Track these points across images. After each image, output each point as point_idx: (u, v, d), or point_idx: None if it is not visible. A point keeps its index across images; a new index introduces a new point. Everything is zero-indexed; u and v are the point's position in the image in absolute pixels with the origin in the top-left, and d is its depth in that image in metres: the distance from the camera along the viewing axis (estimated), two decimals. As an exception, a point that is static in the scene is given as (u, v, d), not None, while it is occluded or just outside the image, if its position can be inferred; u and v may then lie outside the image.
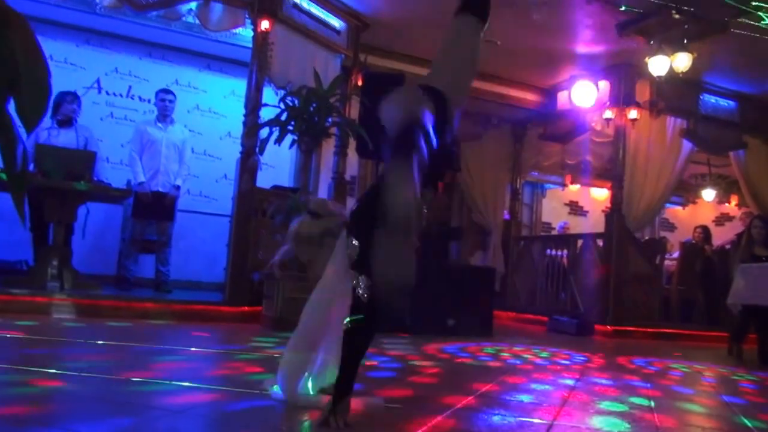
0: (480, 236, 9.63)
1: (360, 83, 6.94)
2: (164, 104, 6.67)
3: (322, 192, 7.00)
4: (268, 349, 4.02)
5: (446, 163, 2.45)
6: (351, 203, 7.88)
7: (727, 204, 12.11)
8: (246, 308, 5.59)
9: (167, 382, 2.70)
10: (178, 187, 6.60)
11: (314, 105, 5.60)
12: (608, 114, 7.94)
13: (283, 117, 5.53)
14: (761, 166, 8.60)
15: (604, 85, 8.02)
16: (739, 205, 11.35)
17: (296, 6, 6.44)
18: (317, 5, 6.67)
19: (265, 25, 6.00)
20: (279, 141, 5.52)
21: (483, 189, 9.49)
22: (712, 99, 8.32)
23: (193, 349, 3.91)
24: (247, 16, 6.14)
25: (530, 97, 8.96)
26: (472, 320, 5.99)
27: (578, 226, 11.09)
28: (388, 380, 3.23)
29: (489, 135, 9.55)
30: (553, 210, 11.71)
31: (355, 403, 2.25)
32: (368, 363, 3.67)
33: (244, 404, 2.41)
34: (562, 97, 8.60)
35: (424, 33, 7.47)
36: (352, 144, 6.67)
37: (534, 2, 6.07)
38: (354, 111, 6.85)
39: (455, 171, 8.57)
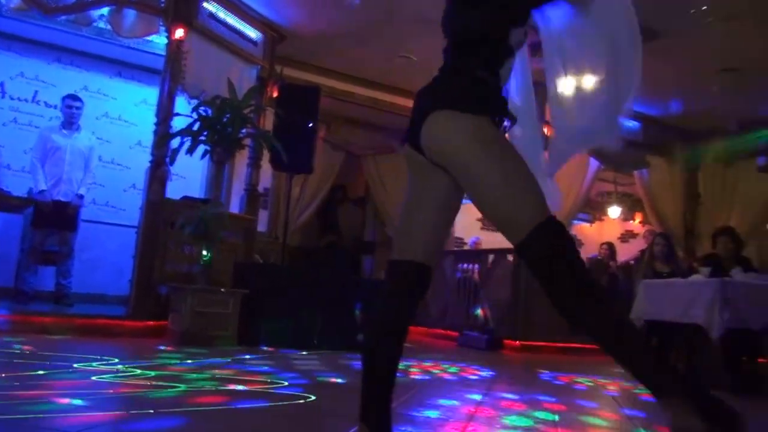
0: (392, 251, 9.70)
1: (276, 95, 6.89)
2: (71, 111, 6.40)
3: (234, 204, 6.86)
4: (172, 365, 3.88)
5: None
6: (263, 215, 7.88)
7: (631, 221, 12.69)
8: (151, 322, 5.39)
9: (61, 400, 2.56)
10: (81, 196, 6.32)
11: (228, 115, 5.52)
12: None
13: (196, 127, 5.42)
14: (663, 185, 9.07)
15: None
16: (642, 223, 11.89)
17: (212, 15, 6.33)
18: (234, 15, 6.58)
19: (179, 33, 5.86)
20: (191, 151, 5.40)
21: (396, 203, 9.56)
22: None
23: (93, 365, 3.73)
24: (161, 23, 5.98)
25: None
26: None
27: (491, 241, 11.32)
28: (292, 396, 3.18)
29: (403, 148, 9.64)
30: (465, 225, 11.90)
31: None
32: (274, 380, 3.61)
33: (144, 425, 2.31)
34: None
35: (340, 46, 7.53)
36: (266, 156, 6.60)
37: None
38: (269, 122, 6.79)
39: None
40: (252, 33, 6.87)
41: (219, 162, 5.83)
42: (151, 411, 2.48)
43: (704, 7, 5.19)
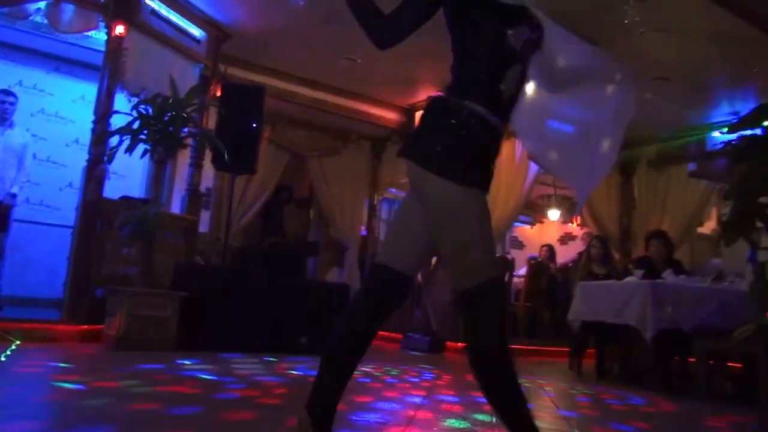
0: (337, 252, 9.68)
1: (219, 94, 6.80)
2: (4, 106, 6.15)
3: (175, 204, 6.74)
4: (106, 371, 3.79)
5: None
6: (205, 216, 7.75)
7: (570, 224, 12.98)
8: (86, 327, 5.23)
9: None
10: (14, 195, 6.09)
11: (169, 114, 5.41)
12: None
13: (136, 125, 5.30)
14: (600, 189, 9.30)
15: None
16: (581, 225, 12.18)
17: (154, 12, 6.19)
18: (177, 13, 6.46)
19: (119, 29, 5.73)
20: (130, 150, 5.28)
21: (341, 204, 9.57)
22: (555, 125, 8.90)
23: (20, 371, 3.61)
24: (100, 19, 5.83)
25: (390, 115, 9.18)
26: (326, 338, 5.95)
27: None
28: (232, 402, 3.14)
29: (348, 150, 9.67)
30: (411, 227, 12.00)
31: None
32: (212, 384, 3.57)
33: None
34: (419, 116, 8.85)
35: (286, 47, 7.47)
36: (209, 156, 6.50)
37: None
38: (212, 122, 6.69)
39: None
40: (195, 31, 6.76)
41: (159, 161, 5.72)
42: (78, 420, 2.42)
43: (636, 18, 5.35)
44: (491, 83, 1.92)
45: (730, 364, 5.44)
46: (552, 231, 13.12)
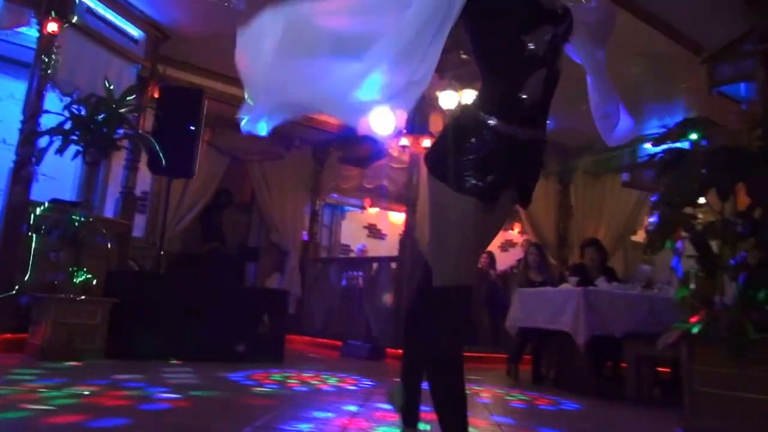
0: (278, 257, 9.59)
1: (156, 95, 6.64)
2: (-77, 102, 5.89)
3: (109, 208, 6.54)
4: (28, 382, 3.63)
5: None
6: (141, 220, 7.55)
7: (511, 231, 13.17)
8: (9, 335, 5.00)
9: None
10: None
11: (103, 115, 5.26)
12: (404, 141, 8.32)
13: (67, 126, 5.13)
14: (539, 197, 9.45)
15: (401, 113, 8.35)
16: (521, 232, 12.37)
17: (90, 11, 6.03)
18: (114, 12, 6.30)
19: (52, 27, 5.54)
20: (60, 151, 5.11)
21: (282, 209, 9.48)
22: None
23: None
24: (32, 15, 5.62)
25: (332, 120, 9.12)
26: (263, 346, 5.88)
27: (377, 249, 11.46)
28: (161, 413, 3.06)
29: (290, 155, 9.59)
30: (352, 232, 12.00)
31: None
32: (142, 395, 3.46)
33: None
34: (361, 122, 8.84)
35: (228, 49, 7.30)
36: (145, 158, 6.34)
37: None
38: (149, 123, 6.53)
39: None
40: (133, 31, 6.60)
41: (92, 163, 5.56)
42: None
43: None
44: (510, 94, 1.93)
45: (660, 368, 5.60)
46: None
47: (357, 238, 11.90)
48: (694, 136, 3.39)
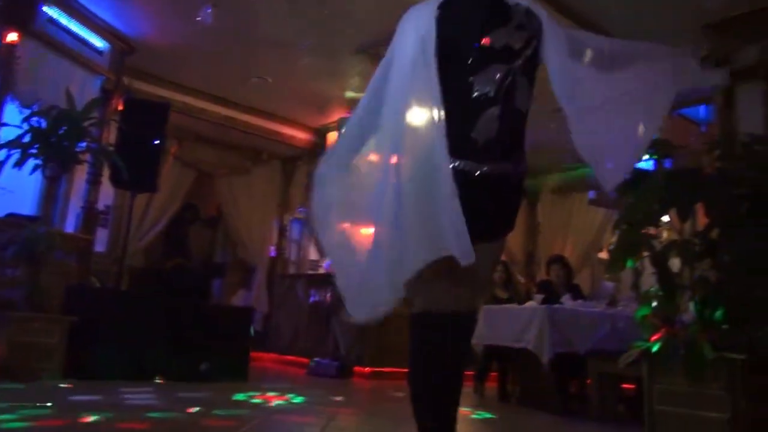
0: (244, 273, 9.47)
1: (121, 108, 6.55)
2: None
3: (70, 222, 6.41)
4: (-20, 403, 3.51)
5: None
6: (102, 235, 7.41)
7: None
8: (-38, 355, 4.86)
9: None
10: None
11: (64, 128, 5.16)
12: (372, 158, 8.29)
13: (26, 139, 5.02)
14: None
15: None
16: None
17: (52, 21, 5.94)
18: (78, 23, 6.22)
19: (12, 37, 5.45)
20: (19, 165, 4.99)
21: (249, 224, 9.38)
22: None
23: None
24: (-9, 25, 5.53)
25: (301, 135, 9.14)
26: (228, 364, 5.77)
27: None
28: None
29: (258, 169, 9.52)
30: (321, 248, 11.91)
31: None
32: (98, 417, 3.37)
33: None
34: (331, 137, 8.86)
35: (195, 62, 7.32)
36: (108, 172, 6.24)
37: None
38: (114, 136, 6.43)
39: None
40: (98, 42, 6.52)
41: (52, 177, 5.45)
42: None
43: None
44: (462, 135, 1.91)
45: (624, 385, 5.63)
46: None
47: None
48: (654, 157, 3.43)
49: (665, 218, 3.59)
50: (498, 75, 1.93)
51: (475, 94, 1.91)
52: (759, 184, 3.24)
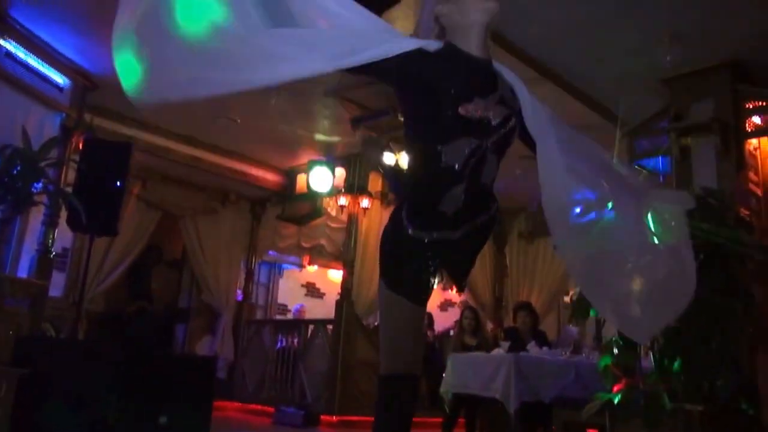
0: (210, 318, 9.21)
1: (81, 147, 6.40)
2: None
3: (23, 266, 6.18)
4: None
5: None
6: (59, 279, 7.17)
7: (450, 290, 13.14)
8: None
9: None
10: None
11: (18, 168, 5.01)
12: (342, 201, 8.24)
13: (-23, 179, 4.86)
14: (476, 259, 9.50)
15: (340, 172, 8.34)
16: (459, 293, 12.34)
17: (9, 55, 5.82)
18: (37, 57, 6.10)
19: (-35, 71, 5.32)
20: (-32, 206, 4.82)
21: (216, 267, 9.14)
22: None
23: None
24: (-57, 58, 5.41)
25: (270, 176, 9.04)
26: (189, 416, 5.53)
27: (315, 307, 11.21)
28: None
29: (226, 211, 9.37)
30: (289, 291, 11.71)
31: None
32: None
33: None
34: (300, 179, 8.79)
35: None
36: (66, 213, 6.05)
37: None
38: (74, 175, 6.26)
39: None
40: (58, 78, 6.41)
41: (4, 220, 5.25)
42: None
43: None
44: (429, 207, 1.94)
45: (590, 431, 5.55)
46: (433, 297, 13.10)
47: (295, 296, 11.61)
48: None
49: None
50: (467, 150, 1.85)
51: (442, 164, 1.86)
52: (712, 236, 3.27)
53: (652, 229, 1.94)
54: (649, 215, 1.96)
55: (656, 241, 1.95)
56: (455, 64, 1.85)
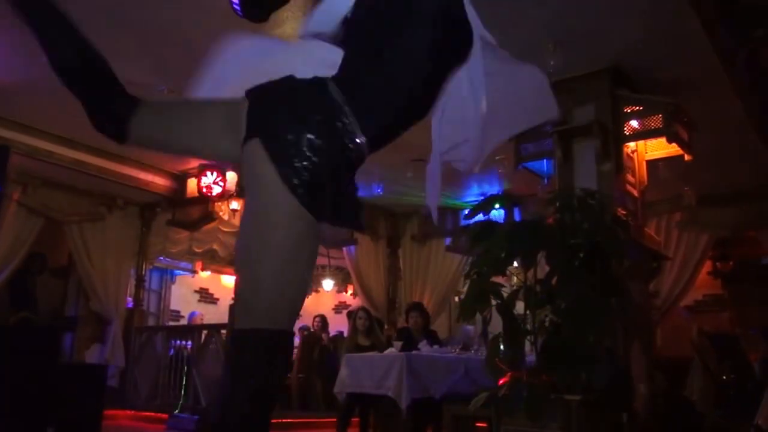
0: (99, 326, 8.90)
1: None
2: None
3: None
4: None
5: None
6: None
7: (344, 293, 13.34)
8: None
9: None
10: None
11: None
12: (235, 205, 8.20)
13: None
14: (368, 261, 9.70)
15: (231, 176, 8.27)
16: (354, 295, 12.53)
17: None
18: None
19: None
20: None
21: (104, 274, 8.82)
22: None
23: None
24: None
25: (159, 181, 8.80)
26: (78, 426, 5.40)
27: (209, 313, 11.06)
28: None
29: (113, 216, 9.06)
30: (183, 297, 11.50)
31: None
32: None
33: None
34: (191, 183, 8.65)
35: (39, 101, 6.84)
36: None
37: None
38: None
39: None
40: None
41: None
42: None
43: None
44: None
45: (478, 424, 5.84)
46: (327, 300, 13.36)
47: (188, 302, 11.41)
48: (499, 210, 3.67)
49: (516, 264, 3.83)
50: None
51: None
52: (591, 236, 3.55)
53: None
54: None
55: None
56: None
